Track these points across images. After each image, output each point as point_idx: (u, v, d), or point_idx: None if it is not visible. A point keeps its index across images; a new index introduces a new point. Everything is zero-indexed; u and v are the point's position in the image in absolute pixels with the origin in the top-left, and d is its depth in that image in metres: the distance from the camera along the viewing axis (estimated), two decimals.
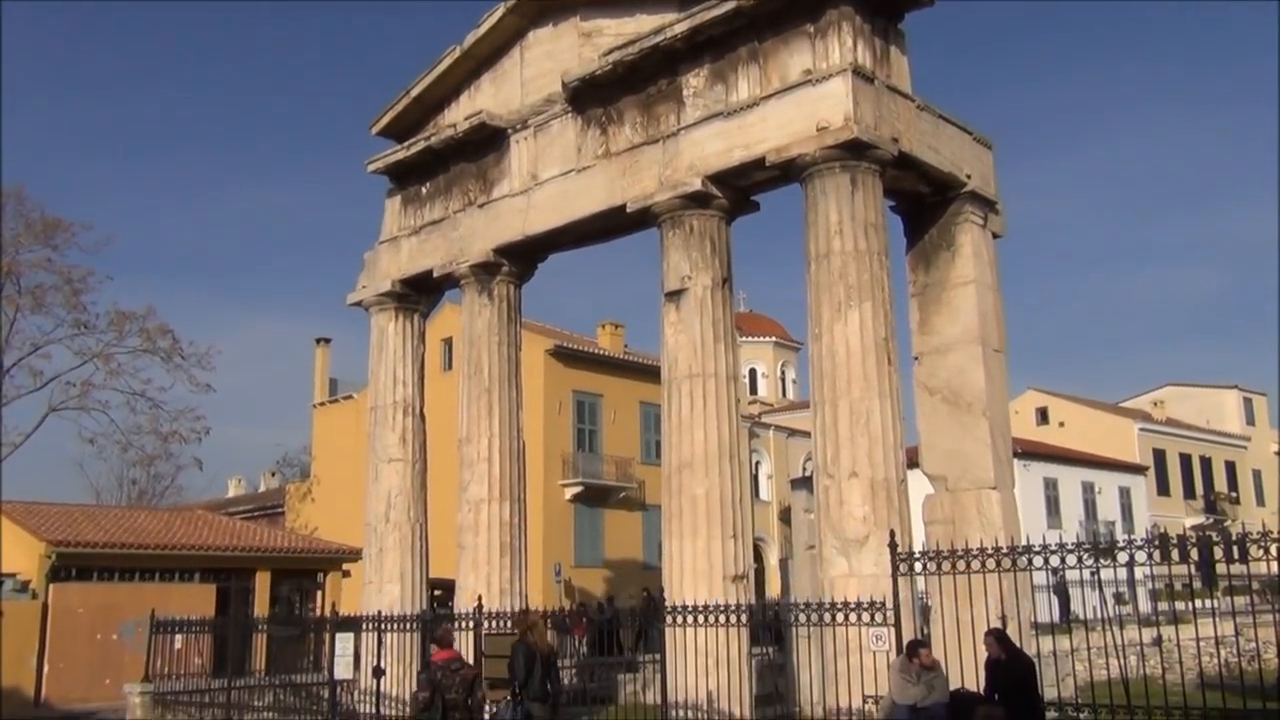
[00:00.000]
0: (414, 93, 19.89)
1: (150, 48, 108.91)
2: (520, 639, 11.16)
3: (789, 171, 14.90)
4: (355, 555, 26.16)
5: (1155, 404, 60.95)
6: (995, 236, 17.10)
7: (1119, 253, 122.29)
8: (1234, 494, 57.32)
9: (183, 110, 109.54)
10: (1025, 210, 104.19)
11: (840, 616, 12.16)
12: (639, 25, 16.69)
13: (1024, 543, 11.14)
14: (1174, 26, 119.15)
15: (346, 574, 28.94)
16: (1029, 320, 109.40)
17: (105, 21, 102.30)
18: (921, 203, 16.59)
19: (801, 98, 14.71)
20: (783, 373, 65.73)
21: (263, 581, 27.85)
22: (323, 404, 44.17)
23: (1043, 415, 56.92)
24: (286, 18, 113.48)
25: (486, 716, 9.98)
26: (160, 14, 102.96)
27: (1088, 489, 47.40)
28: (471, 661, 12.60)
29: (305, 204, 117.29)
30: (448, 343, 35.66)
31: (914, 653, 10.66)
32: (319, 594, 29.01)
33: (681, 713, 13.26)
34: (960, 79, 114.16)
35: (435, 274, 19.64)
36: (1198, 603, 30.57)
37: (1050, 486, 45.26)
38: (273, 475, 56.92)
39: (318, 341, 45.28)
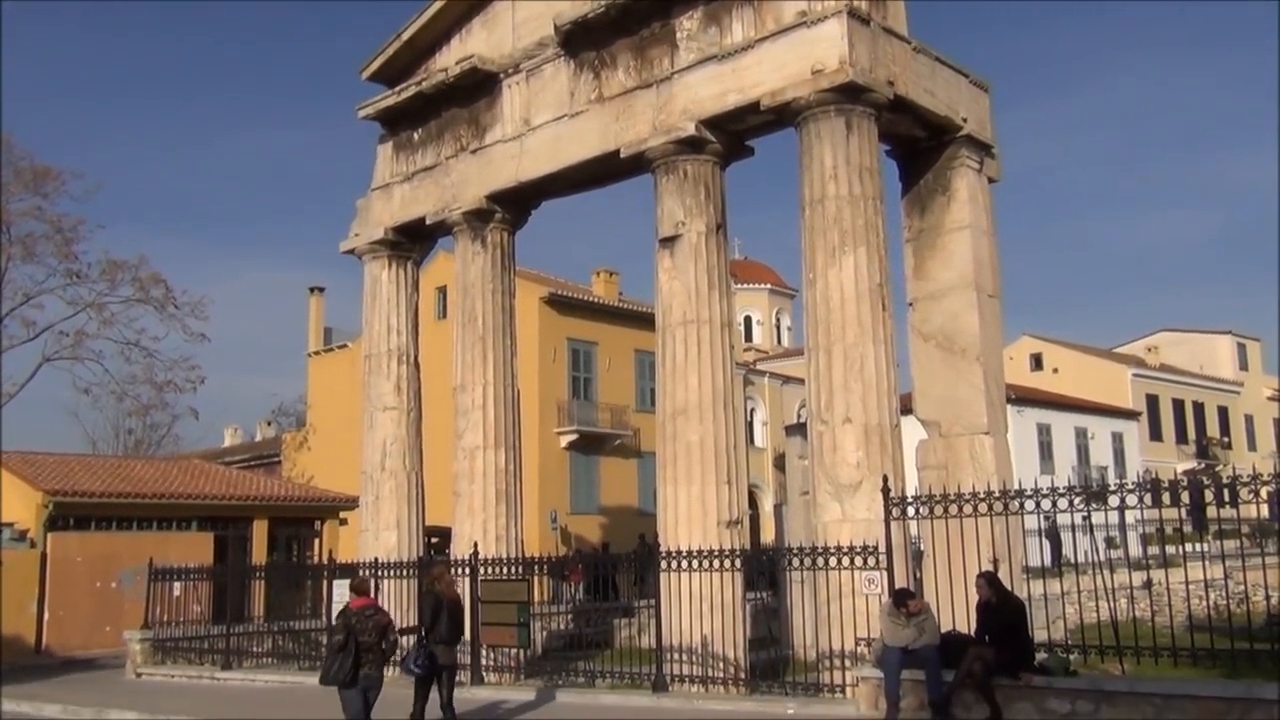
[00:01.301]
0: (405, 36, 19.64)
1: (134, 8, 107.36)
2: (429, 588, 11.95)
3: (784, 115, 14.76)
4: (352, 503, 26.27)
5: (1149, 349, 61.11)
6: (991, 181, 17.00)
7: (1114, 198, 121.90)
8: (1226, 439, 57.64)
9: (171, 56, 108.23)
10: (1021, 154, 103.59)
11: (833, 561, 12.27)
12: None
13: (1016, 487, 11.19)
14: None
15: (344, 522, 29.10)
16: (1024, 266, 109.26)
17: None
18: (917, 147, 16.47)
19: (796, 40, 14.53)
20: (778, 320, 65.70)
21: (260, 530, 28.00)
22: (317, 353, 44.12)
23: (1037, 361, 57.00)
24: None
25: (397, 657, 10.76)
26: None
27: (1081, 434, 47.64)
28: (465, 598, 13.11)
29: (297, 150, 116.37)
30: (442, 291, 35.54)
31: (901, 602, 10.76)
32: (316, 541, 29.19)
33: (676, 656, 13.41)
34: (957, 21, 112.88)
35: (428, 221, 19.52)
36: (1188, 546, 30.91)
37: (1043, 432, 45.48)
38: (268, 424, 57.00)
39: (311, 290, 45.10)
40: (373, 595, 10.99)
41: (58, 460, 28.52)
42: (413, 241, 20.66)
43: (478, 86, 18.74)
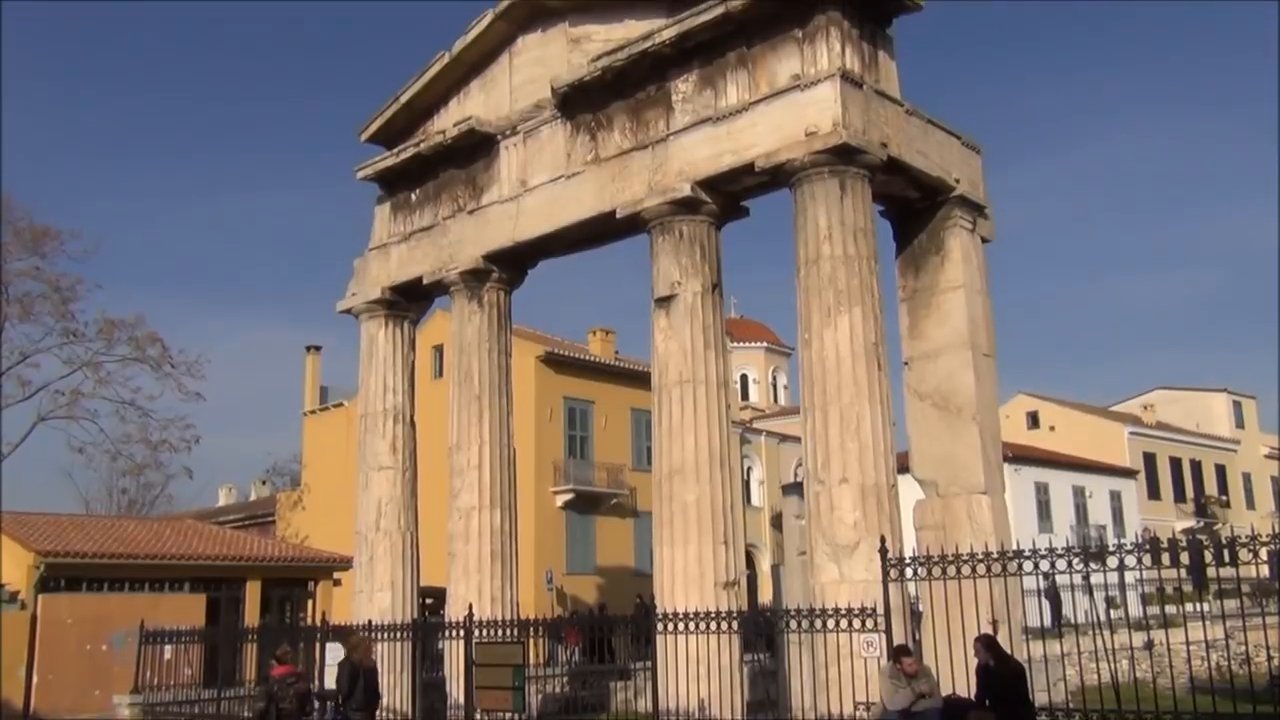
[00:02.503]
0: (403, 99, 19.86)
1: (137, 52, 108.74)
2: (346, 657, 12.32)
3: (778, 177, 14.89)
4: (346, 564, 26.04)
5: (1145, 407, 61.13)
6: (984, 241, 17.12)
7: (1108, 256, 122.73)
8: (1224, 497, 57.47)
9: (171, 115, 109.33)
10: (1014, 214, 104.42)
11: (831, 623, 12.14)
12: (628, 31, 16.69)
13: (1015, 547, 11.13)
14: (1163, 29, 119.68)
15: (338, 582, 28.82)
16: (1019, 324, 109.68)
17: (93, 25, 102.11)
18: (910, 208, 16.61)
19: (790, 103, 14.71)
20: (774, 378, 65.74)
21: (253, 591, 27.70)
22: (313, 412, 44.04)
23: (1033, 419, 57.01)
24: (277, 22, 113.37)
25: None
26: (147, 16, 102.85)
27: (1078, 493, 47.48)
28: (465, 673, 12.99)
29: (295, 210, 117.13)
30: (438, 350, 35.57)
31: (897, 659, 10.65)
32: (310, 603, 28.88)
33: (674, 719, 13.23)
34: (949, 83, 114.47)
35: (425, 281, 19.60)
36: (1189, 606, 30.67)
37: (1041, 491, 45.33)
38: (263, 484, 56.72)
39: (308, 349, 45.14)
40: (300, 661, 11.39)
41: (50, 521, 28.29)
42: (410, 301, 20.72)
43: (475, 148, 18.93)
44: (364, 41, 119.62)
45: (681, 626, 13.16)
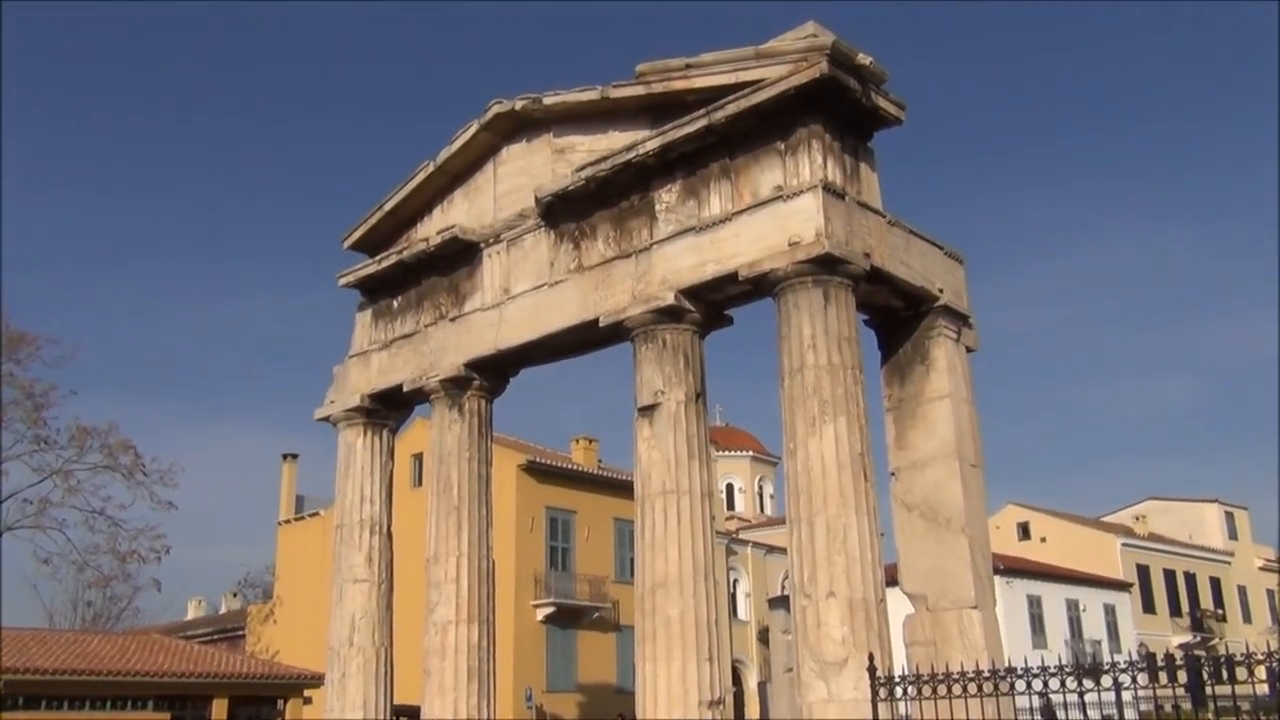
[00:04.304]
0: (387, 207, 20.11)
1: (119, 155, 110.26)
2: None
3: (762, 286, 15.04)
4: (317, 681, 25.42)
5: (1137, 518, 60.96)
6: (969, 350, 17.24)
7: (1094, 365, 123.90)
8: (1220, 611, 56.98)
9: (149, 222, 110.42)
10: (998, 323, 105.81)
11: None
12: (611, 142, 17.02)
13: (1008, 664, 10.95)
14: (1147, 138, 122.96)
15: (308, 700, 28.12)
16: (1006, 434, 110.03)
17: (69, 122, 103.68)
18: (895, 317, 16.76)
19: (773, 213, 14.94)
20: (760, 487, 65.48)
21: (219, 709, 27.00)
22: (288, 521, 43.56)
23: (1024, 530, 56.75)
24: (259, 127, 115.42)
25: None
26: (125, 122, 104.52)
27: (1072, 606, 47.00)
28: None
29: (275, 317, 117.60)
30: (418, 458, 35.37)
31: None
32: None
33: None
34: (929, 194, 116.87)
35: (405, 388, 19.58)
36: None
37: (1034, 604, 44.85)
38: (234, 596, 55.73)
39: (285, 457, 44.87)
40: None
41: (11, 635, 27.61)
42: (389, 409, 20.66)
43: (458, 255, 19.11)
44: (347, 149, 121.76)
45: None
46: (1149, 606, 52.86)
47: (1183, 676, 10.24)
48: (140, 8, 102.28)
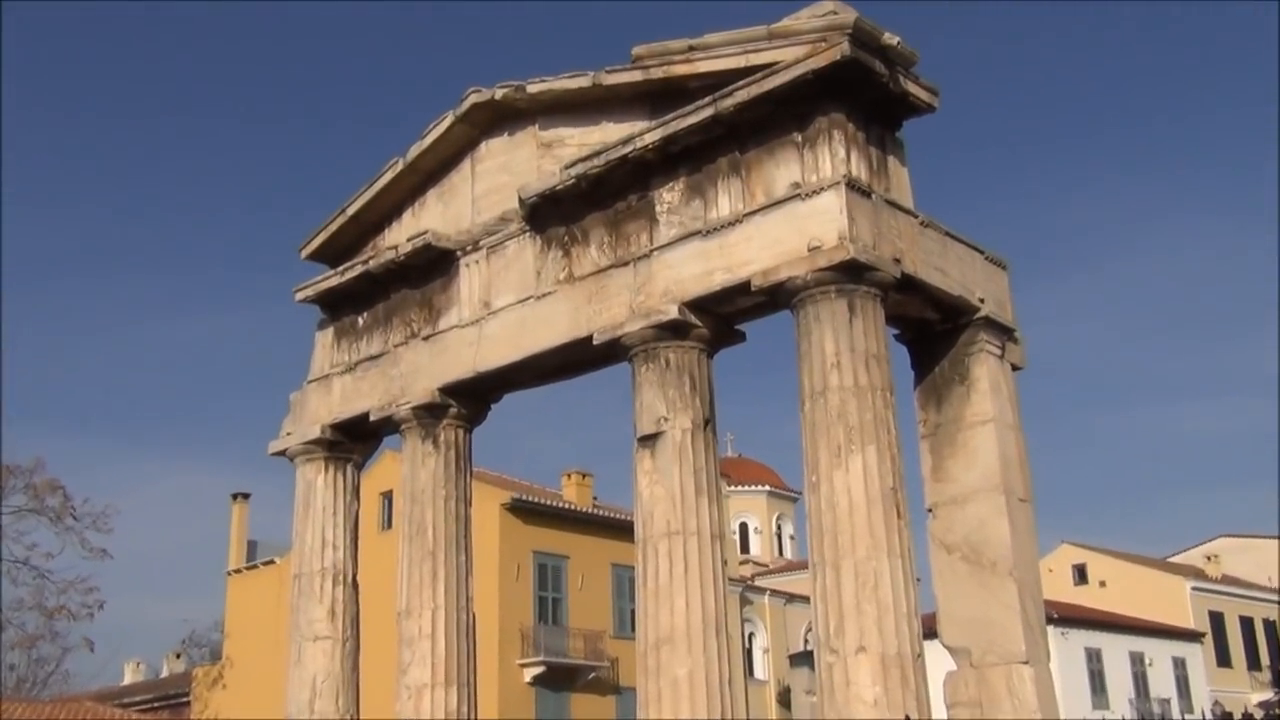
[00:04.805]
0: (350, 211, 20.15)
1: (38, 156, 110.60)
2: None
3: (778, 297, 15.06)
4: None
5: (1208, 558, 60.86)
6: (1015, 368, 17.24)
7: (1156, 384, 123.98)
8: None
9: (78, 229, 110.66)
10: (1043, 338, 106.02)
11: None
12: (605, 134, 17.08)
13: None
14: (1217, 127, 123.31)
15: None
16: (1058, 464, 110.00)
17: None
18: (930, 331, 16.77)
19: (790, 214, 14.98)
20: (778, 527, 65.51)
21: None
22: (239, 571, 43.55)
23: (1080, 574, 56.69)
24: (204, 123, 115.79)
25: None
26: (43, 116, 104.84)
27: (1136, 660, 46.90)
28: None
29: (223, 337, 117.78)
30: (386, 497, 35.41)
31: None
32: None
33: None
34: (956, 190, 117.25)
35: (372, 417, 19.55)
36: None
37: (1093, 658, 44.75)
38: (177, 657, 55.62)
39: (235, 497, 44.87)
40: None
41: None
42: (354, 441, 20.63)
43: (431, 265, 19.13)
44: (310, 146, 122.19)
45: None
46: (1224, 659, 52.71)
47: None
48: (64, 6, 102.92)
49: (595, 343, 16.56)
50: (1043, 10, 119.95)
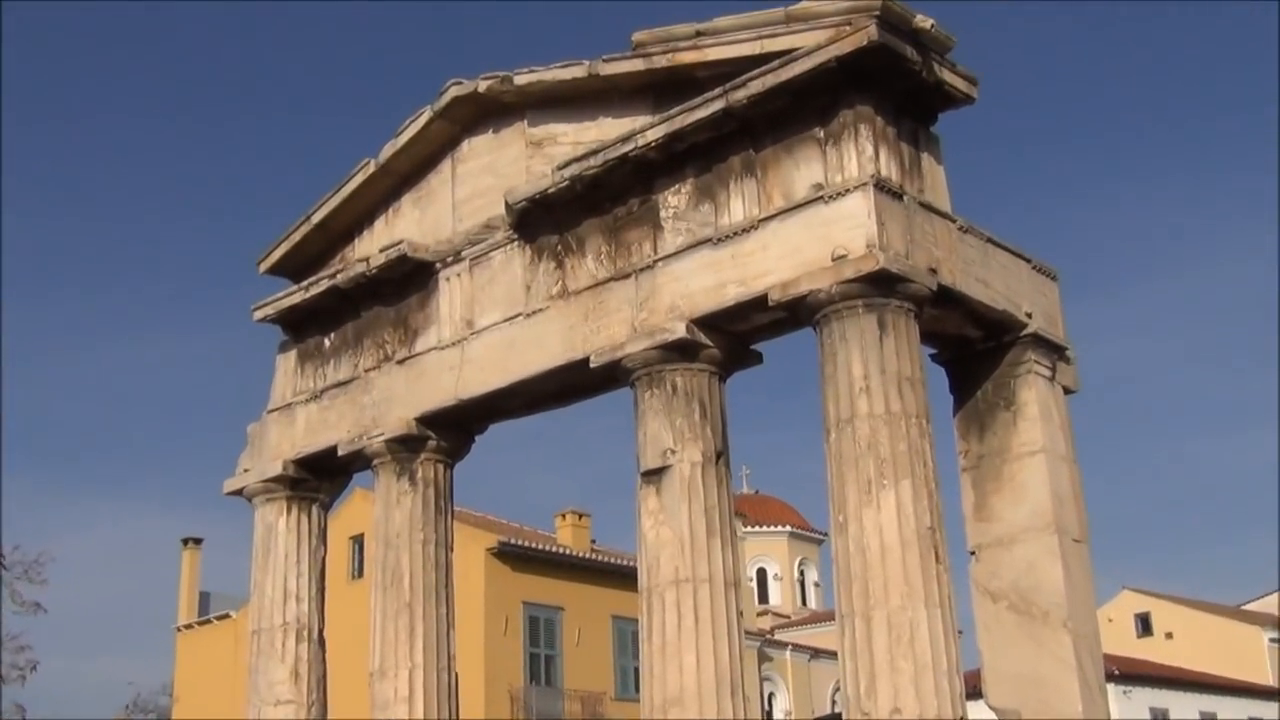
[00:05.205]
0: (315, 219, 20.20)
1: None
2: None
3: (798, 312, 15.11)
4: None
5: None
6: (1067, 391, 17.28)
7: (1225, 410, 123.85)
8: None
9: (9, 240, 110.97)
10: (1095, 357, 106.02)
11: None
12: (602, 131, 17.16)
13: None
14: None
15: None
16: (1116, 500, 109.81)
17: None
18: (970, 350, 16.81)
19: (811, 219, 15.04)
20: (801, 572, 65.44)
21: None
22: (190, 626, 43.57)
23: (1144, 624, 56.64)
24: (157, 122, 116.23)
25: None
26: None
27: None
28: None
29: (173, 362, 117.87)
30: (357, 541, 35.46)
31: None
32: None
33: None
34: (999, 195, 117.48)
35: (341, 451, 19.58)
36: None
37: (1159, 719, 44.58)
38: None
39: (185, 543, 44.87)
40: None
41: None
42: (320, 478, 20.66)
43: (407, 279, 19.18)
44: (276, 147, 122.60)
45: None
46: None
47: None
48: None
49: (592, 365, 16.60)
50: None
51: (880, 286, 14.47)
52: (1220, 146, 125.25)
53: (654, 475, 15.74)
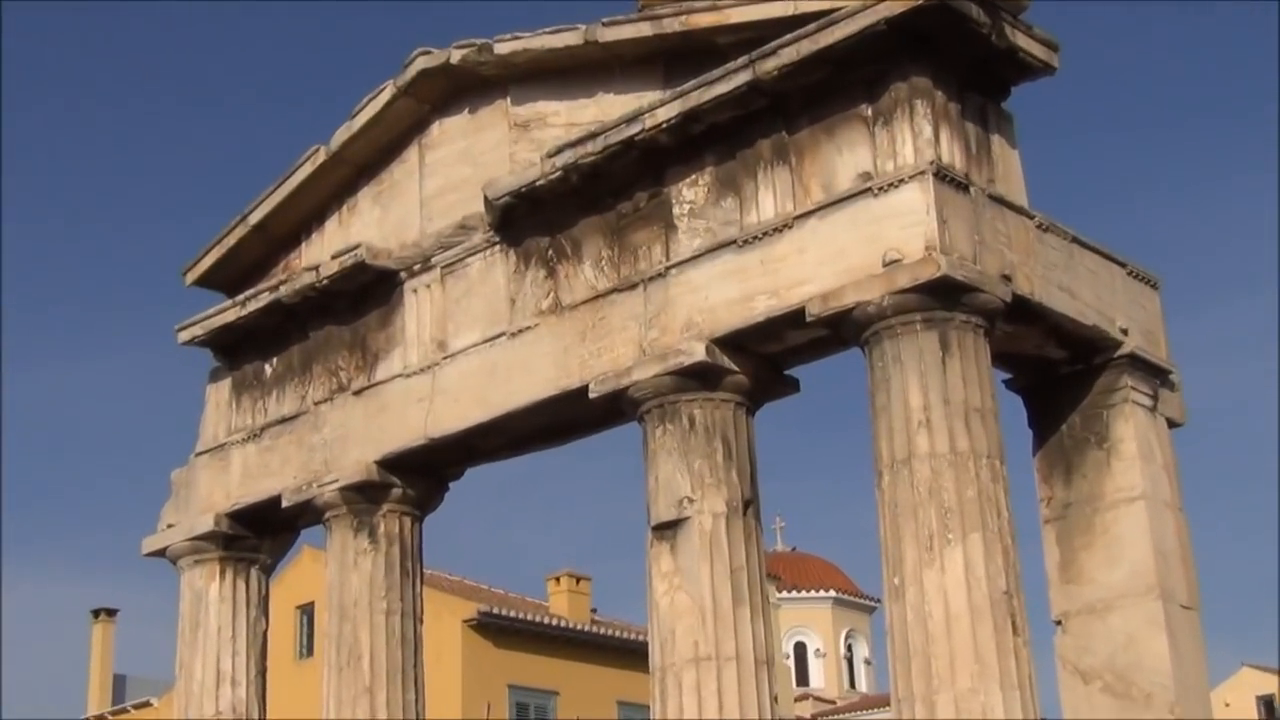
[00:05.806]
0: (254, 218, 20.21)
1: None
2: None
3: (842, 330, 15.10)
4: None
5: None
6: (1172, 425, 17.22)
7: None
8: None
9: None
10: (1203, 382, 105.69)
11: None
12: (602, 110, 17.19)
13: None
14: None
15: None
16: (1228, 558, 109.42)
17: None
18: (1053, 374, 16.78)
19: (858, 215, 15.02)
20: (849, 647, 65.31)
21: None
22: (101, 717, 43.50)
23: (1268, 708, 56.42)
24: (71, 112, 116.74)
25: None
26: None
27: None
28: None
29: (78, 395, 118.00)
30: (305, 611, 35.37)
31: None
32: None
33: None
34: (1077, 189, 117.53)
35: (285, 502, 19.56)
36: None
37: None
38: None
39: (96, 614, 44.89)
40: None
41: None
42: (260, 535, 20.64)
43: (365, 292, 19.18)
44: (209, 136, 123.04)
45: None
46: None
47: None
48: None
49: (592, 396, 16.57)
50: None
51: (942, 298, 14.43)
52: None
53: (668, 529, 15.70)
